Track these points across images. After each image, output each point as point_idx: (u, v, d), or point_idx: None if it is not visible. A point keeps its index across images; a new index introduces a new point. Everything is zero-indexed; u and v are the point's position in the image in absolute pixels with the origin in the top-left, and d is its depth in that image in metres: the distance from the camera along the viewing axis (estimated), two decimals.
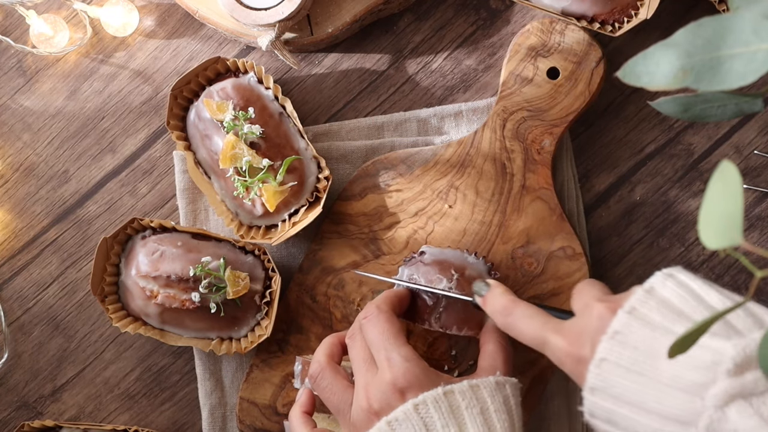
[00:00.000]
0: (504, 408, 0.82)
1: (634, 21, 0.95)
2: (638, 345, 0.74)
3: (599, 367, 0.75)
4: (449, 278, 0.92)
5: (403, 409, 0.80)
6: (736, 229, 0.63)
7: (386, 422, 0.81)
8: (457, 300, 0.92)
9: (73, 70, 1.04)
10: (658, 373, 0.73)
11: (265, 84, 0.99)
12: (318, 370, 0.88)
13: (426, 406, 0.80)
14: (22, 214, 1.04)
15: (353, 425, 0.85)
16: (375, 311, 0.87)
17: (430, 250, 0.94)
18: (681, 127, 1.01)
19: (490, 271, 0.94)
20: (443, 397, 0.81)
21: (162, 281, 0.95)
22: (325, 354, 0.89)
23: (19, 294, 1.04)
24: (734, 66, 0.69)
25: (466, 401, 0.81)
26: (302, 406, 0.90)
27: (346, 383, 0.87)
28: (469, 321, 0.92)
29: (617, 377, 0.74)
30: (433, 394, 0.81)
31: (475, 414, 0.80)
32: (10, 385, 1.03)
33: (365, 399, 0.83)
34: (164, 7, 1.04)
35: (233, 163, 0.96)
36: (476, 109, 1.01)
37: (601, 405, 0.76)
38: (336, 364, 0.89)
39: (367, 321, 0.87)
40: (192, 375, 1.03)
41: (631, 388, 0.74)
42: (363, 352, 0.87)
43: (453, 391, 0.81)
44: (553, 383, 0.99)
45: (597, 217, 1.02)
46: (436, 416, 0.80)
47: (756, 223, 1.01)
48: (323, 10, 1.00)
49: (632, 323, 0.75)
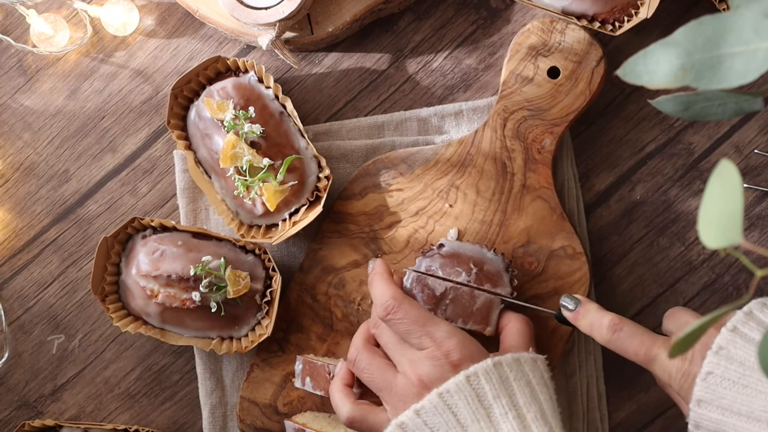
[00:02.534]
0: (543, 382, 0.85)
1: (634, 20, 0.95)
2: (742, 359, 0.80)
3: (705, 380, 0.81)
4: (468, 272, 0.92)
5: (455, 381, 0.82)
6: (736, 229, 0.63)
7: (437, 394, 0.82)
8: (464, 293, 0.92)
9: (74, 70, 1.04)
10: (764, 385, 0.79)
11: (266, 83, 0.99)
12: (355, 354, 0.90)
13: (478, 378, 0.82)
14: (22, 214, 1.04)
15: (400, 400, 0.86)
16: (394, 304, 0.88)
17: (449, 243, 0.95)
18: (681, 126, 1.01)
19: (508, 268, 0.94)
20: (493, 368, 0.82)
21: (162, 280, 0.95)
22: (361, 338, 0.91)
23: (19, 293, 1.04)
24: (734, 64, 0.69)
25: (514, 373, 0.83)
26: (342, 379, 0.92)
27: (385, 361, 0.88)
28: (475, 315, 0.92)
29: (724, 389, 0.80)
30: (483, 365, 0.82)
31: (523, 385, 0.83)
32: (10, 384, 1.03)
33: (414, 373, 0.85)
34: (164, 7, 1.04)
35: (234, 163, 0.96)
36: (477, 109, 1.01)
37: (708, 416, 0.81)
38: (373, 345, 0.91)
39: (392, 315, 0.88)
40: (192, 374, 1.03)
41: (738, 400, 0.80)
42: (394, 335, 0.88)
43: (501, 363, 0.83)
44: (554, 383, 0.99)
45: (597, 217, 1.02)
46: (488, 387, 0.82)
47: (756, 222, 1.01)
48: (323, 9, 1.00)
49: (736, 340, 0.81)
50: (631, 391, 1.01)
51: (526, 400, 0.82)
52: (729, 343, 0.81)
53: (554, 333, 0.96)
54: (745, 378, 0.80)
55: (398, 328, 0.87)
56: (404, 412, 0.83)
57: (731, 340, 0.81)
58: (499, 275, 0.93)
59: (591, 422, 1.00)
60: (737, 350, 0.81)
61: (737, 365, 0.80)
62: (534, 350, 0.89)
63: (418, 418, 0.82)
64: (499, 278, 0.93)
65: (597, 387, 1.00)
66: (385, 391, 0.87)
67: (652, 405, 1.01)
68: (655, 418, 1.01)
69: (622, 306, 1.01)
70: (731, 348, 0.81)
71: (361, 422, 0.88)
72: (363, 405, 0.89)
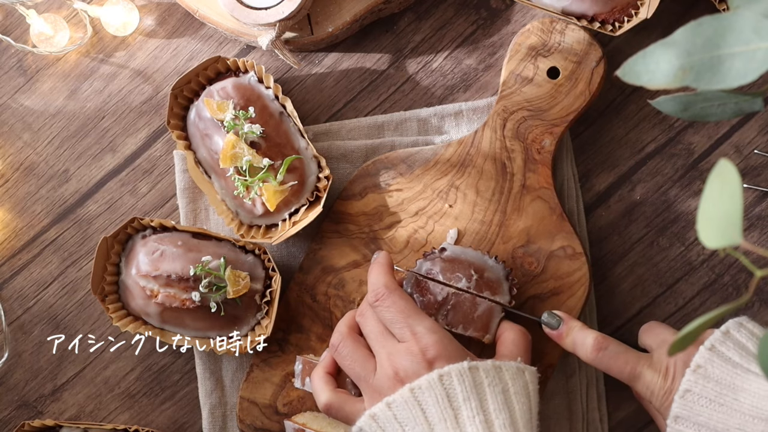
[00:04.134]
0: (523, 392, 0.85)
1: (634, 20, 0.95)
2: (719, 378, 0.82)
3: (683, 397, 0.84)
4: (468, 278, 0.92)
5: (427, 378, 0.83)
6: (736, 229, 0.63)
7: (410, 389, 0.83)
8: (465, 300, 0.92)
9: (74, 70, 1.04)
10: (739, 404, 0.82)
11: (266, 83, 0.99)
12: (339, 339, 0.90)
13: (450, 378, 0.83)
14: (22, 214, 1.04)
15: (376, 391, 0.86)
16: (385, 291, 0.88)
17: (450, 247, 0.95)
18: (681, 126, 1.01)
19: (508, 276, 0.94)
20: (468, 371, 0.83)
21: (162, 280, 0.95)
22: (346, 325, 0.92)
23: (19, 293, 1.04)
24: (734, 65, 0.69)
25: (489, 379, 0.83)
26: (325, 367, 0.92)
27: (367, 352, 0.89)
28: (475, 322, 0.92)
29: (701, 407, 0.83)
30: (458, 367, 0.83)
31: (497, 392, 0.83)
32: (10, 384, 1.03)
33: (390, 366, 0.85)
34: (164, 7, 1.04)
35: (233, 163, 0.96)
36: (476, 109, 1.01)
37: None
38: (357, 334, 0.91)
39: (380, 302, 0.88)
40: (192, 374, 1.03)
41: (714, 417, 0.82)
42: (378, 325, 0.88)
43: (478, 367, 0.84)
44: (553, 383, 0.99)
45: (597, 217, 1.02)
46: (459, 389, 0.82)
47: (756, 222, 1.01)
48: (323, 9, 1.00)
49: (713, 359, 0.84)
50: (630, 392, 1.01)
51: (497, 407, 0.82)
52: (707, 362, 0.84)
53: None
54: (722, 397, 0.83)
55: (384, 315, 0.88)
56: (377, 404, 0.84)
57: (709, 359, 0.84)
58: (498, 283, 0.93)
59: (591, 422, 1.00)
60: (714, 369, 0.83)
61: (714, 384, 0.83)
62: (527, 360, 0.90)
63: (389, 410, 0.83)
64: (498, 286, 0.93)
65: (597, 387, 1.00)
66: (363, 381, 0.88)
67: None
68: None
69: (622, 306, 1.01)
70: (709, 367, 0.84)
71: (338, 410, 0.89)
72: (341, 393, 0.90)
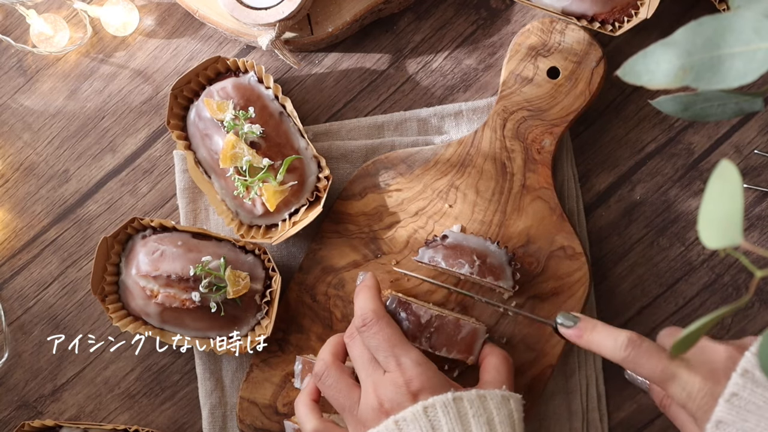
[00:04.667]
0: (508, 421, 0.84)
1: (634, 20, 0.95)
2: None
3: (729, 401, 0.79)
4: (471, 264, 0.92)
5: (412, 410, 0.82)
6: (736, 229, 0.63)
7: (394, 421, 0.82)
8: (448, 322, 0.91)
9: (73, 70, 1.04)
10: None
11: (266, 83, 0.99)
12: (323, 369, 0.89)
13: (435, 410, 0.82)
14: (22, 214, 1.04)
15: (360, 422, 0.85)
16: (373, 317, 0.87)
17: (453, 234, 0.95)
18: (681, 126, 1.01)
19: (510, 261, 0.94)
20: (452, 402, 0.82)
21: (162, 281, 0.95)
22: (330, 353, 0.90)
23: (19, 293, 1.04)
24: (734, 65, 0.69)
25: (474, 409, 0.83)
26: (310, 393, 0.91)
27: (351, 381, 0.88)
28: (459, 345, 0.92)
29: (748, 412, 0.79)
30: (442, 398, 0.82)
31: (482, 423, 0.82)
32: (10, 384, 1.03)
33: (375, 398, 0.84)
34: (164, 7, 1.04)
35: (233, 163, 0.96)
36: (476, 109, 1.01)
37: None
38: (341, 362, 0.90)
39: (367, 329, 0.87)
40: (192, 374, 1.03)
41: (762, 425, 0.78)
42: (366, 352, 0.87)
43: (462, 398, 0.83)
44: (553, 383, 0.99)
45: (597, 217, 1.02)
46: (444, 420, 0.82)
47: (756, 222, 1.01)
48: (323, 9, 1.00)
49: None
50: (631, 391, 1.01)
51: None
52: (754, 367, 0.80)
53: (554, 333, 0.96)
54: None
55: (369, 342, 0.87)
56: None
57: (756, 364, 0.79)
58: (501, 268, 0.93)
59: (591, 422, 1.00)
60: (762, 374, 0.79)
61: (763, 389, 0.79)
62: (510, 386, 0.89)
63: None
64: (501, 271, 0.93)
65: (597, 387, 1.00)
66: (347, 412, 0.87)
67: (652, 405, 1.01)
68: (655, 419, 1.01)
69: (622, 306, 1.01)
70: (757, 372, 0.79)
71: None
72: (327, 423, 0.88)
